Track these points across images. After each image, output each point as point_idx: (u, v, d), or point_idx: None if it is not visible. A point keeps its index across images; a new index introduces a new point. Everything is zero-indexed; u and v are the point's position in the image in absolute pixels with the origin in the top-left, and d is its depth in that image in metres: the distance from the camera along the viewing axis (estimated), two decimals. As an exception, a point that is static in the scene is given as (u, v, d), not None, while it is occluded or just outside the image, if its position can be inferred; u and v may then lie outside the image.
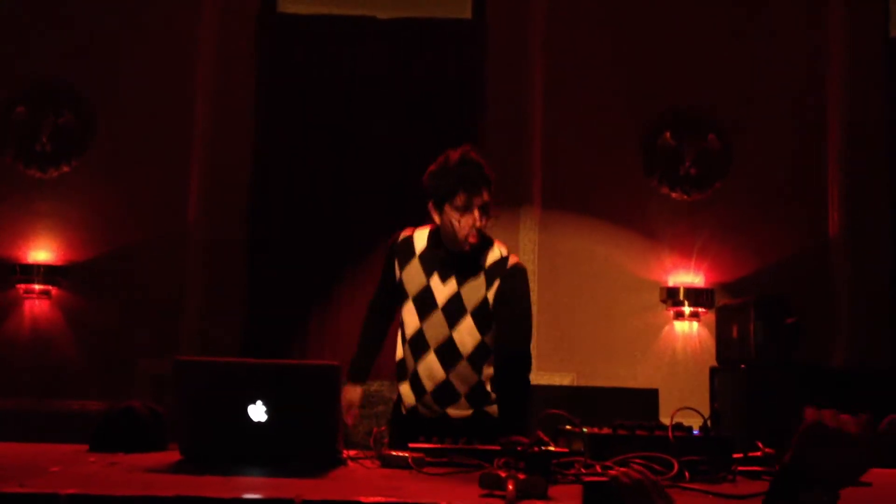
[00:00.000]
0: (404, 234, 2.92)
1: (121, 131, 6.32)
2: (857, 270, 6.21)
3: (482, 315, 2.78)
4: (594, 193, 6.28)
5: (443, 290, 2.79)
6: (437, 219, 2.78)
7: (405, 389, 2.89)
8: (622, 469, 1.51)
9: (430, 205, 2.78)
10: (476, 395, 2.83)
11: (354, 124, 6.35)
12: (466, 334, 2.77)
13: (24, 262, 6.14)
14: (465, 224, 2.71)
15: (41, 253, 6.18)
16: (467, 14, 6.52)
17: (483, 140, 6.05)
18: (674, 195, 6.35)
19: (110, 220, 6.25)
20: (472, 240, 2.73)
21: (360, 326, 3.08)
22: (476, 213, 2.71)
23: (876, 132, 6.36)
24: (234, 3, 6.46)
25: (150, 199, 6.27)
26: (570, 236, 6.27)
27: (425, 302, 2.80)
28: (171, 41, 6.36)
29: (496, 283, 2.77)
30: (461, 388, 2.81)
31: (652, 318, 6.24)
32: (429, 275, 2.81)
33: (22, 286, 6.13)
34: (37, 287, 6.13)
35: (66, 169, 6.31)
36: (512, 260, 2.83)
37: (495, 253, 2.82)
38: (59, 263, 6.17)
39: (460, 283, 2.78)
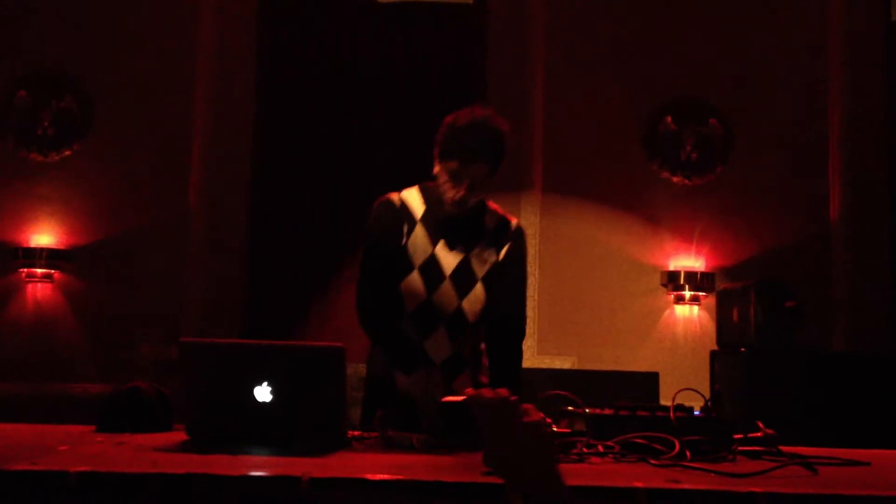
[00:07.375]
0: (394, 197, 2.73)
1: (122, 115, 6.33)
2: (858, 255, 6.23)
3: (491, 280, 2.66)
4: (595, 178, 6.30)
5: (449, 259, 2.64)
6: (435, 167, 2.63)
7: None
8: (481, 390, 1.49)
9: (435, 151, 2.62)
10: (475, 363, 2.73)
11: (354, 108, 6.36)
12: (475, 302, 2.65)
13: (27, 245, 6.17)
14: (448, 189, 2.57)
15: (43, 237, 6.20)
16: (469, -2, 6.52)
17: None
18: (675, 180, 6.36)
19: (112, 203, 6.26)
20: (454, 207, 2.58)
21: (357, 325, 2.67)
22: (465, 183, 2.54)
23: (877, 117, 6.36)
24: (235, -14, 6.45)
25: (152, 182, 6.29)
26: (571, 221, 6.28)
27: (431, 272, 2.62)
28: (172, 24, 6.36)
29: (506, 247, 2.69)
30: (466, 358, 2.70)
31: (653, 301, 6.26)
32: (434, 242, 2.64)
33: (24, 270, 6.17)
34: (39, 271, 6.16)
35: (67, 153, 6.32)
36: (513, 221, 2.75)
37: (494, 215, 2.73)
38: (62, 247, 6.19)
39: (468, 250, 2.65)
